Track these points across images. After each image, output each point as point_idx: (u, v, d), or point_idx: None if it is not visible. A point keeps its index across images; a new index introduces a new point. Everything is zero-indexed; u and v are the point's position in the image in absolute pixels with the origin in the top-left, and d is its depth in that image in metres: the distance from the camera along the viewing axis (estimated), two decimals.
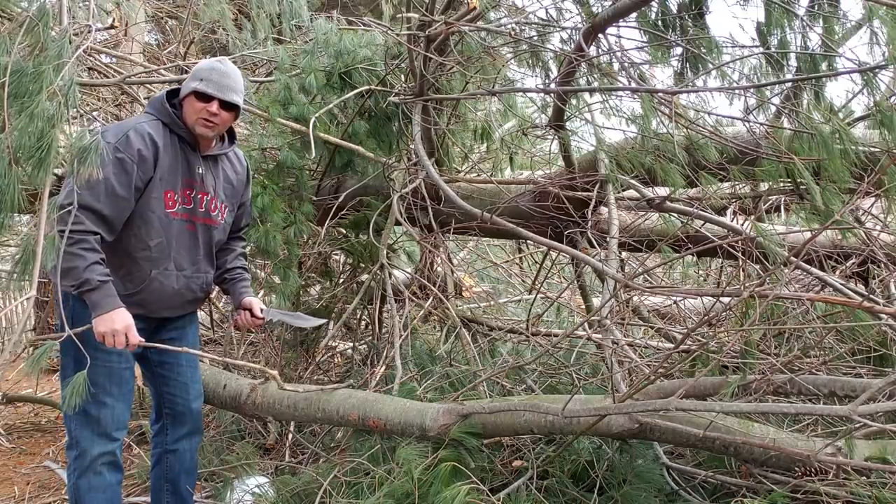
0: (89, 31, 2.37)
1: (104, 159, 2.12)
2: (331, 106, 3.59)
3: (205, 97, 2.36)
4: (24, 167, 1.75)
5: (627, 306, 3.51)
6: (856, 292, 2.62)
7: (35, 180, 1.79)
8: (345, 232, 4.05)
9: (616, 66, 3.29)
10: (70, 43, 1.89)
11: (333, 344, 4.34)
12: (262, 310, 2.59)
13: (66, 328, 2.12)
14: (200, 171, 2.44)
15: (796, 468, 2.11)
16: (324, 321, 3.09)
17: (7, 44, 1.83)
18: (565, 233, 3.41)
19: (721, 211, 3.68)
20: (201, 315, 4.51)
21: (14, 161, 1.72)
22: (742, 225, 3.31)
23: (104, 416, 2.33)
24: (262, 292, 4.01)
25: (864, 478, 2.02)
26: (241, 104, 2.44)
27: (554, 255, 4.07)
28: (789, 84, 3.07)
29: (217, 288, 2.91)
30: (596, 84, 3.17)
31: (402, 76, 3.86)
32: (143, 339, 2.26)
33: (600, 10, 3.03)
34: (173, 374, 2.58)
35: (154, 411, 2.67)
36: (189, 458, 2.64)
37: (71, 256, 2.12)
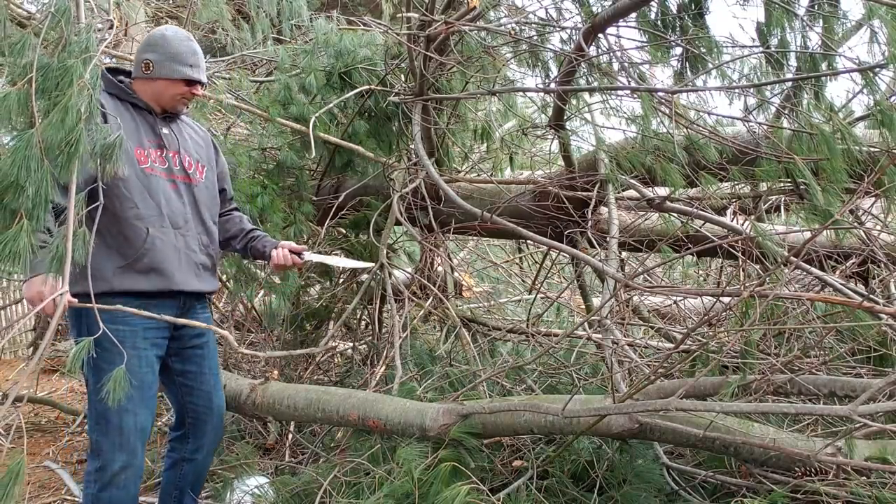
0: (111, 27, 2.39)
1: None
2: (331, 106, 3.59)
3: (192, 82, 2.42)
4: (54, 162, 1.76)
5: (627, 306, 3.51)
6: (856, 292, 2.62)
7: (64, 175, 1.80)
8: (345, 232, 4.05)
9: (616, 65, 3.29)
10: (96, 36, 1.90)
11: (333, 344, 4.34)
12: (301, 250, 2.56)
13: (102, 326, 2.02)
14: (164, 131, 2.44)
15: (796, 468, 2.11)
16: (370, 265, 2.99)
17: (31, 41, 1.85)
18: (565, 233, 3.41)
19: (721, 211, 3.68)
20: None
21: (44, 156, 1.73)
22: (742, 225, 3.31)
23: (126, 424, 2.25)
24: (262, 292, 4.01)
25: (864, 478, 2.02)
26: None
27: (554, 254, 4.06)
28: (789, 84, 3.06)
29: (217, 288, 2.87)
30: (596, 84, 3.17)
31: (402, 76, 3.86)
32: (76, 301, 2.05)
33: (600, 9, 3.03)
34: (196, 383, 2.51)
35: (176, 419, 2.60)
36: (203, 466, 2.60)
37: None
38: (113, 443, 2.25)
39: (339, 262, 2.73)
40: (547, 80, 3.48)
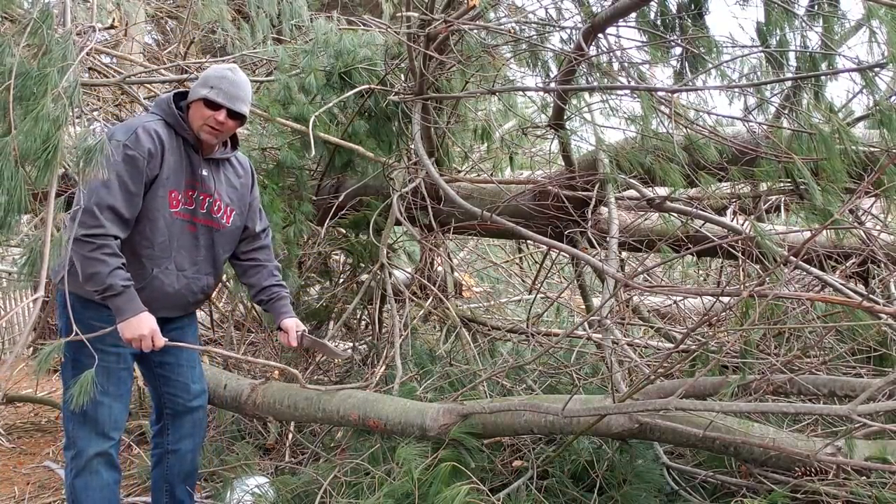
0: (93, 32, 2.37)
1: (116, 158, 2.17)
2: (330, 105, 3.59)
3: (213, 105, 2.37)
4: (29, 169, 1.76)
5: (627, 306, 3.51)
6: (856, 292, 2.62)
7: (41, 181, 1.80)
8: (345, 232, 4.05)
9: (616, 65, 3.29)
10: (74, 44, 1.89)
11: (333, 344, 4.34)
12: (297, 335, 2.64)
13: (76, 329, 2.10)
14: (204, 172, 2.46)
15: (796, 468, 2.11)
16: (350, 354, 3.42)
17: (11, 46, 1.84)
18: (565, 232, 3.41)
19: (721, 211, 3.68)
20: (201, 315, 4.51)
21: (20, 163, 1.73)
22: (742, 225, 3.31)
23: (101, 416, 2.35)
24: None
25: (864, 478, 2.02)
26: (247, 114, 2.47)
27: (554, 254, 4.06)
28: (789, 83, 3.06)
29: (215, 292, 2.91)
30: (596, 83, 3.17)
31: (402, 76, 3.86)
32: (168, 340, 2.30)
33: (600, 9, 3.03)
34: (173, 374, 2.59)
35: (154, 412, 2.68)
36: (190, 460, 2.65)
37: (94, 262, 2.15)
38: (88, 432, 2.36)
39: (329, 350, 2.87)
40: (547, 80, 3.48)
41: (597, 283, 4.04)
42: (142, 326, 2.22)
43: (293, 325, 2.65)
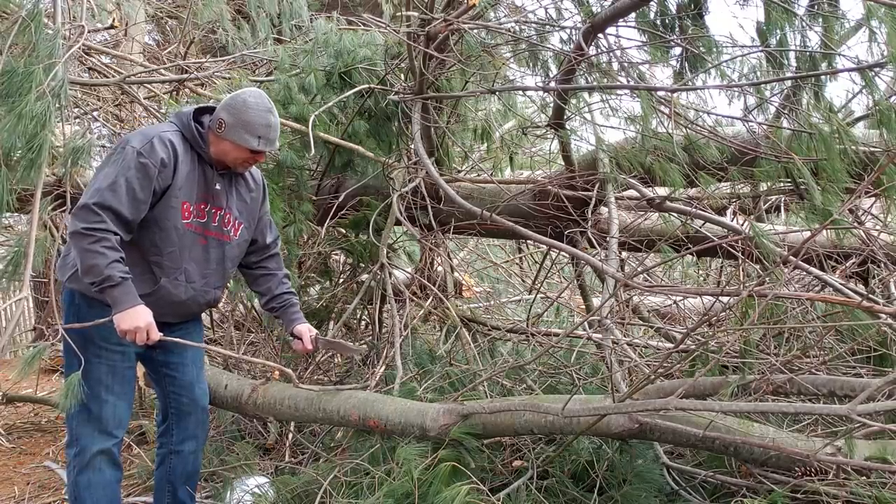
0: (82, 32, 2.37)
1: (129, 163, 2.21)
2: (330, 105, 3.59)
3: (258, 152, 2.45)
4: (15, 168, 1.75)
5: (627, 306, 3.51)
6: (856, 292, 2.62)
7: (26, 180, 1.79)
8: (345, 232, 4.05)
9: (616, 65, 3.29)
10: (63, 42, 1.89)
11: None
12: (311, 338, 2.67)
13: (61, 325, 2.13)
14: (217, 186, 2.47)
15: (796, 468, 2.11)
16: (365, 348, 3.53)
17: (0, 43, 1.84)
18: (565, 232, 3.41)
19: (721, 211, 3.68)
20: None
21: (3, 161, 1.72)
22: (742, 225, 3.31)
23: (105, 414, 2.36)
24: None
25: (864, 478, 2.02)
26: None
27: (554, 254, 4.06)
28: (789, 83, 3.06)
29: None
30: (595, 83, 3.17)
31: (402, 75, 3.86)
32: (163, 335, 2.30)
33: (600, 9, 3.03)
34: (179, 373, 2.59)
35: (160, 412, 2.68)
36: (192, 461, 2.65)
37: (92, 254, 2.15)
38: (92, 429, 2.36)
39: (344, 349, 2.98)
40: (547, 80, 3.48)
41: (597, 283, 4.04)
42: (138, 319, 2.21)
43: (306, 329, 2.69)
